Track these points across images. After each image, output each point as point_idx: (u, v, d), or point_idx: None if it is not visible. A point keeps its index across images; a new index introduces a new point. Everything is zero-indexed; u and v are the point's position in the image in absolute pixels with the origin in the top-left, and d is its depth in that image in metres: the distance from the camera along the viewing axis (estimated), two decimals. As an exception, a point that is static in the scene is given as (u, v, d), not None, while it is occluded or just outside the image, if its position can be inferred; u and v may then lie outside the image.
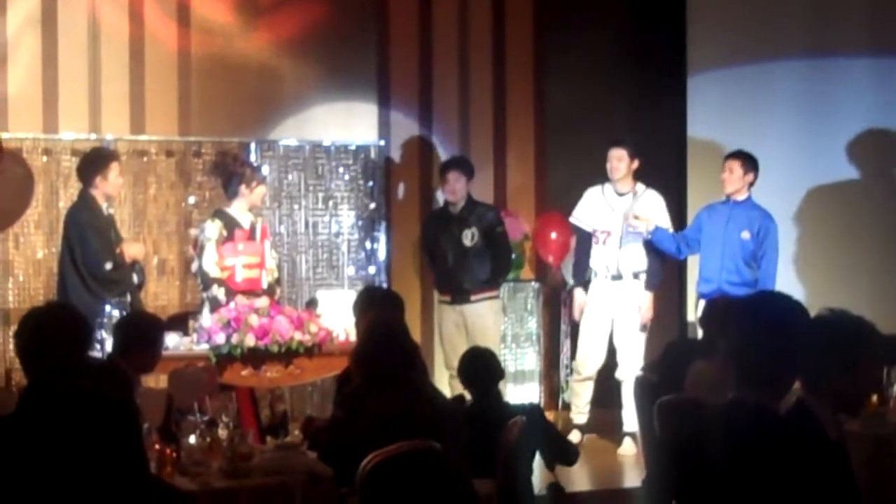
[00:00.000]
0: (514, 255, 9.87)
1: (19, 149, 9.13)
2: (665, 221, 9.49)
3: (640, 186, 9.54)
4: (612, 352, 9.55)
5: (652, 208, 9.47)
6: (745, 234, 9.18)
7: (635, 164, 9.49)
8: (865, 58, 10.46)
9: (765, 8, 10.57)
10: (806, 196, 10.45)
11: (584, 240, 9.63)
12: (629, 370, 9.29)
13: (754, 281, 9.07)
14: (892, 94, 10.41)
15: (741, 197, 9.25)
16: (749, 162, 9.24)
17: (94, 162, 8.61)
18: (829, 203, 10.45)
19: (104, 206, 8.64)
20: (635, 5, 10.80)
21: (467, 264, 9.39)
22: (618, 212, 9.48)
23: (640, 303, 9.43)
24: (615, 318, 9.47)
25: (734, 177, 9.23)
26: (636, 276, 9.47)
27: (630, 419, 9.38)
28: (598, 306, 9.53)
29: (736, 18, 10.59)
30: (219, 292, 8.52)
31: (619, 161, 9.48)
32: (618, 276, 9.47)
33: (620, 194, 9.50)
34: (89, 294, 8.32)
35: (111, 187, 8.63)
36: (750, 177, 9.22)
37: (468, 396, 6.82)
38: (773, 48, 10.51)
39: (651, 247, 9.43)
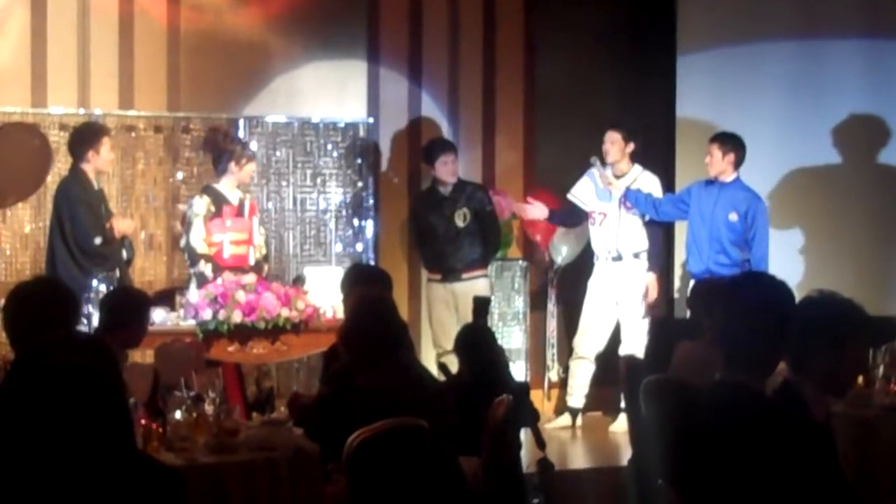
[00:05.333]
0: (502, 234, 9.87)
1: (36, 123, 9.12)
2: None
3: (637, 168, 9.58)
4: (615, 331, 9.63)
5: (648, 191, 9.50)
6: (733, 216, 9.20)
7: (630, 147, 9.56)
8: (857, 40, 10.42)
9: (755, -11, 10.56)
10: (794, 177, 10.43)
11: (574, 215, 9.73)
12: (633, 348, 9.30)
13: (744, 261, 9.11)
14: (883, 77, 10.38)
15: (728, 178, 9.27)
16: (727, 142, 9.26)
17: (85, 136, 8.60)
18: (817, 184, 10.44)
19: (94, 180, 8.62)
20: (625, -15, 10.79)
21: (459, 244, 9.43)
22: (614, 194, 9.52)
23: (642, 282, 9.49)
24: (619, 299, 9.54)
25: (715, 160, 9.28)
26: (636, 255, 9.53)
27: None
28: (601, 288, 9.60)
29: (726, -1, 10.59)
30: (206, 268, 8.54)
31: (612, 144, 9.55)
32: (618, 258, 9.53)
33: (617, 177, 9.53)
34: (77, 269, 8.32)
35: (102, 162, 8.62)
36: (731, 157, 9.24)
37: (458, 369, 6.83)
38: (763, 29, 10.48)
39: (651, 227, 9.48)
